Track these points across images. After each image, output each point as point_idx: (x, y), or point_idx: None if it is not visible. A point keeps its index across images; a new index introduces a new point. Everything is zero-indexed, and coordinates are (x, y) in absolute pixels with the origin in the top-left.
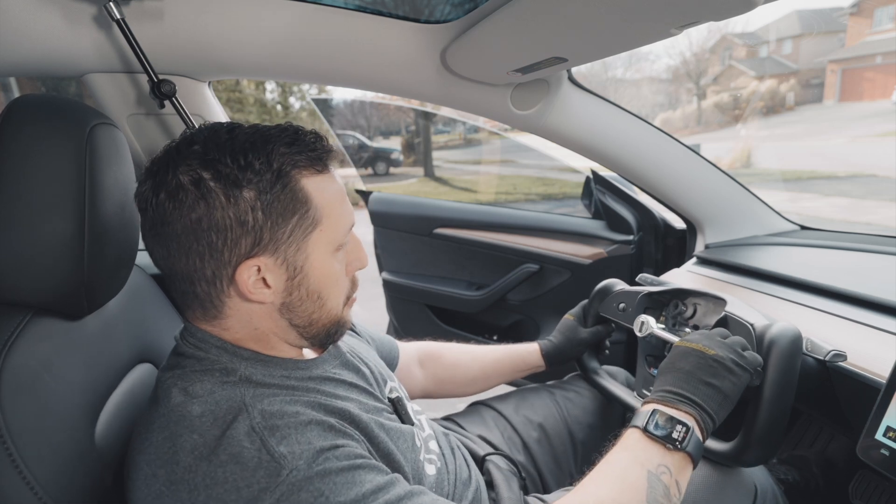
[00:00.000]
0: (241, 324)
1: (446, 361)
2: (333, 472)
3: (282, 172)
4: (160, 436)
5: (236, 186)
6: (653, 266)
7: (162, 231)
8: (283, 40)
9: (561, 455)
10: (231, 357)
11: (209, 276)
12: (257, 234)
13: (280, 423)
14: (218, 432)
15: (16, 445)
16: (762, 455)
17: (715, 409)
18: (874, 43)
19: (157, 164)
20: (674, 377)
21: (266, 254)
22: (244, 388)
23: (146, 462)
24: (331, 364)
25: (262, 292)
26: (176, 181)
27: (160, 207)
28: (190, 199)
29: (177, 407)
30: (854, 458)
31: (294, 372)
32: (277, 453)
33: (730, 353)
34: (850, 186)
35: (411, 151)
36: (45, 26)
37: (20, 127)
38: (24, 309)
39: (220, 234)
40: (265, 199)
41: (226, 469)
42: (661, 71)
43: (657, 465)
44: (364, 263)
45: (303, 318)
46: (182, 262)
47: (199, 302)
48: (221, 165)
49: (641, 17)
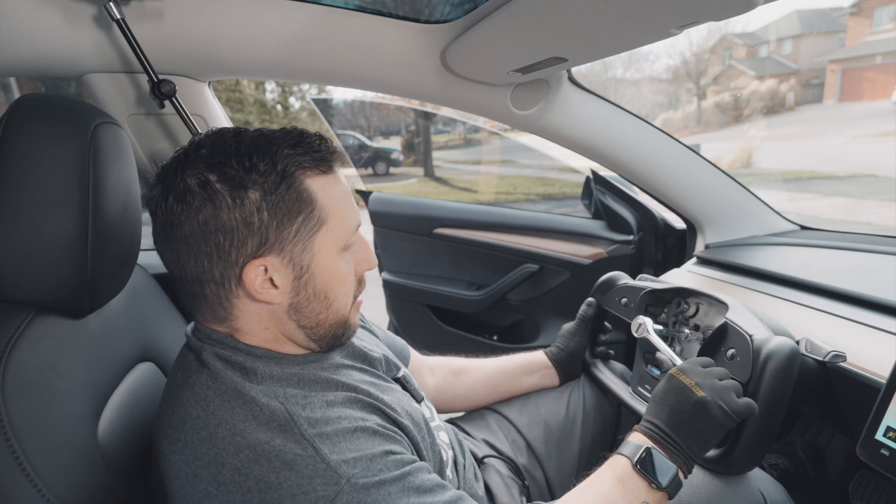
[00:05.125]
0: (251, 325)
1: (456, 366)
2: (388, 482)
3: (286, 173)
4: (196, 436)
5: (242, 188)
6: (653, 266)
7: (171, 234)
8: (283, 40)
9: (566, 453)
10: (246, 356)
11: (217, 278)
12: (263, 235)
13: (328, 429)
14: (263, 437)
15: (19, 443)
16: (748, 464)
17: (697, 453)
18: (874, 43)
19: (167, 170)
20: (666, 414)
21: (272, 254)
22: (275, 387)
23: (184, 462)
24: (338, 353)
25: (269, 292)
26: (184, 184)
27: (169, 211)
28: (197, 202)
29: (213, 409)
30: (854, 458)
31: (307, 365)
32: (333, 461)
33: (719, 400)
34: (850, 186)
35: (411, 151)
36: (45, 26)
37: (24, 126)
38: (27, 307)
39: (227, 235)
40: (270, 200)
41: (279, 475)
42: (661, 71)
43: (641, 501)
44: (373, 264)
45: (310, 319)
46: (191, 264)
47: (208, 304)
48: (227, 168)
49: (641, 17)
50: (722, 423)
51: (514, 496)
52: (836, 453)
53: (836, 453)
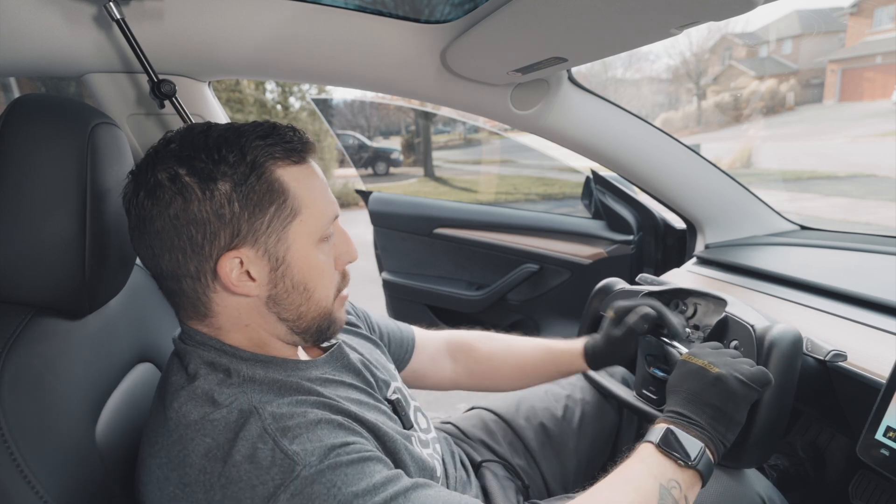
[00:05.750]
0: (232, 321)
1: (480, 355)
2: (344, 465)
3: (256, 164)
4: (170, 439)
5: (211, 180)
6: (653, 266)
7: (144, 230)
8: (284, 40)
9: (563, 455)
10: (231, 359)
11: (193, 272)
12: (235, 226)
13: (291, 423)
14: (230, 435)
15: (17, 444)
16: (759, 457)
17: (723, 434)
18: (874, 43)
19: (139, 167)
20: (682, 399)
21: (246, 245)
22: (250, 391)
23: (157, 465)
24: (331, 366)
25: (246, 285)
26: (154, 179)
27: (140, 206)
28: (167, 196)
29: (185, 411)
30: (854, 458)
31: (294, 372)
32: (291, 451)
33: (735, 373)
34: (850, 186)
35: (411, 151)
36: (45, 26)
37: (22, 126)
38: (25, 308)
39: (199, 228)
40: (241, 191)
41: (240, 469)
42: (661, 71)
43: (669, 480)
44: (353, 256)
45: (291, 312)
46: (166, 259)
47: (187, 300)
48: (196, 161)
49: (641, 17)
50: (743, 395)
51: (511, 498)
52: (836, 453)
53: (836, 453)
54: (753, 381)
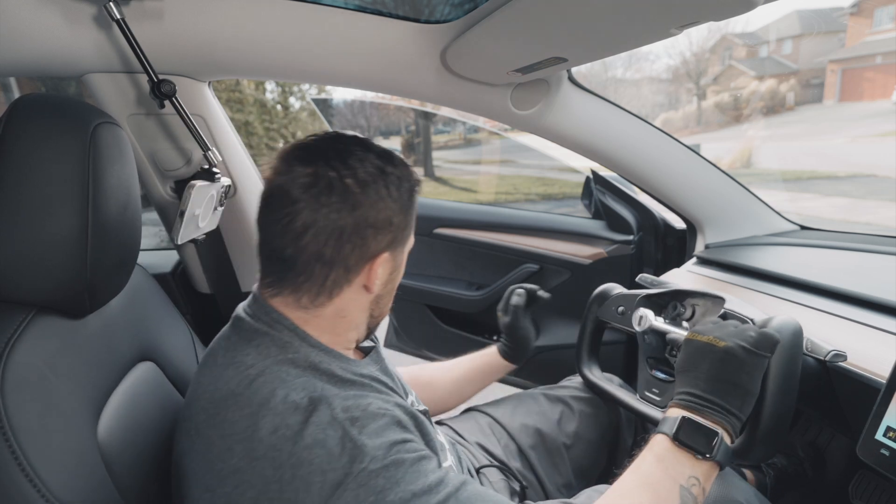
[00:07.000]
0: (336, 311)
1: (423, 380)
2: (406, 463)
3: (413, 185)
4: (237, 413)
5: (397, 188)
6: (653, 266)
7: (328, 213)
8: (283, 40)
9: (558, 459)
10: (301, 342)
11: (351, 264)
12: (397, 234)
13: (357, 414)
14: (301, 418)
15: (19, 442)
16: (767, 451)
17: (739, 407)
18: (874, 43)
19: (328, 150)
20: (693, 379)
21: (392, 250)
22: (314, 378)
23: (220, 436)
24: (376, 367)
25: (375, 283)
26: (364, 170)
27: (347, 190)
28: (371, 190)
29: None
30: (854, 458)
31: (350, 366)
32: (360, 441)
33: (741, 342)
34: (850, 186)
35: (411, 151)
36: (45, 26)
37: (23, 126)
38: (26, 307)
39: (377, 228)
40: (406, 205)
41: (311, 452)
42: (661, 71)
43: (688, 478)
44: None
45: (381, 311)
46: (330, 245)
47: (316, 283)
48: (390, 166)
49: (641, 17)
50: (754, 363)
51: None
52: (836, 453)
53: (836, 453)
54: (761, 346)
